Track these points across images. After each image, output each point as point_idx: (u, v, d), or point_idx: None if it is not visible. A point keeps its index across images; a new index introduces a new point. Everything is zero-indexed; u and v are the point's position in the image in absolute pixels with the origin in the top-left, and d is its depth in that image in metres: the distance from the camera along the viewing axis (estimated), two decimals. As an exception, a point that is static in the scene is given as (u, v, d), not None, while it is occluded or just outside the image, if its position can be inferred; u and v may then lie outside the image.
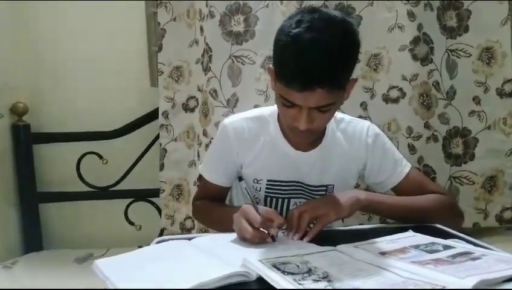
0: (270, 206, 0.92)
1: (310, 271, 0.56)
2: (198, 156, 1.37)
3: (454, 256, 0.61)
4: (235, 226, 0.73)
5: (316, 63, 0.67)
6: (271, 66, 0.78)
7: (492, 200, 1.36)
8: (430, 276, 0.53)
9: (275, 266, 0.57)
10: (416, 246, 0.66)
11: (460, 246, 0.66)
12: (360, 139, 0.90)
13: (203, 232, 1.29)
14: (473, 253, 0.62)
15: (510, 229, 1.38)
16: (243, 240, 0.71)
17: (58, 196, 1.54)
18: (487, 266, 0.57)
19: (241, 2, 1.27)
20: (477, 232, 1.22)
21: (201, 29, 1.34)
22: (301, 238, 0.72)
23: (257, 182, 0.91)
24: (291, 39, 0.69)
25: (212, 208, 0.94)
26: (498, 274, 0.53)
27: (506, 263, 0.57)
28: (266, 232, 0.70)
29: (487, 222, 1.37)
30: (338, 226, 0.91)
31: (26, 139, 1.48)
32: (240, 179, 0.83)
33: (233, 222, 0.74)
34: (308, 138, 0.81)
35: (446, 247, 0.65)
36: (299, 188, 0.90)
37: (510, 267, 0.55)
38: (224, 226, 0.78)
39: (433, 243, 0.67)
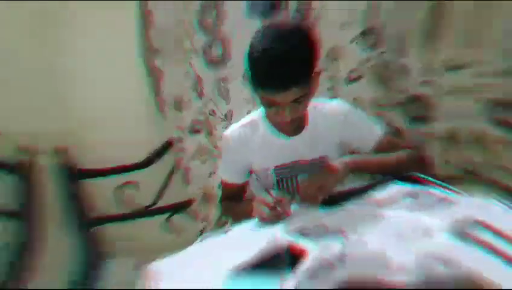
0: (282, 186, 0.97)
1: (326, 230, 0.60)
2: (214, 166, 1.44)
3: (433, 202, 0.64)
4: (255, 211, 0.78)
5: (286, 70, 0.72)
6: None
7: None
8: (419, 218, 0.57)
9: (300, 233, 0.62)
10: (405, 196, 0.68)
11: (438, 192, 0.69)
12: (336, 115, 0.94)
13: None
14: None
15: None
16: (263, 221, 0.75)
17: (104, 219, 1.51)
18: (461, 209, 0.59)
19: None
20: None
21: (190, 64, 1.38)
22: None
23: (266, 171, 0.96)
24: (261, 54, 0.73)
25: (235, 206, 1.00)
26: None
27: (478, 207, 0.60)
28: (280, 211, 0.74)
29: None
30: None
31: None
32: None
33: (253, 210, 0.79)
34: (293, 125, 0.87)
35: (426, 195, 0.67)
36: (300, 166, 0.95)
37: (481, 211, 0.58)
38: (250, 216, 0.81)
39: (417, 193, 0.69)
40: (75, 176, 1.51)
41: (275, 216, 0.74)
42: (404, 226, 0.56)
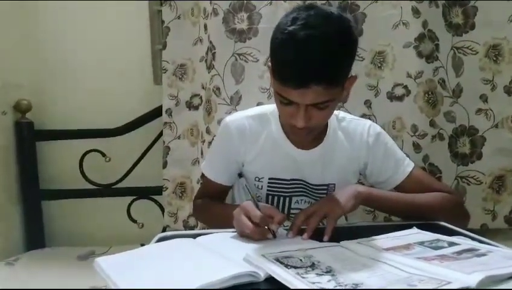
0: (272, 205, 0.92)
1: (313, 265, 0.56)
2: (202, 153, 1.37)
3: (459, 252, 0.60)
4: (235, 222, 0.73)
5: (310, 60, 0.68)
6: (269, 64, 0.78)
7: (500, 201, 1.34)
8: (436, 271, 0.52)
9: (278, 260, 0.57)
10: (421, 243, 0.65)
11: (465, 243, 0.65)
12: (361, 139, 0.90)
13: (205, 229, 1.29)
14: (478, 250, 0.61)
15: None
16: (243, 236, 0.71)
17: (61, 193, 1.54)
18: (493, 262, 0.56)
19: (244, 0, 1.28)
20: (485, 234, 1.20)
21: (205, 27, 1.35)
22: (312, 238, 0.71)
23: (259, 180, 0.91)
24: (286, 36, 0.69)
25: (212, 206, 0.94)
26: (504, 270, 0.52)
27: (512, 259, 0.57)
28: (266, 228, 0.70)
29: (495, 223, 1.35)
30: (341, 223, 0.91)
31: (29, 136, 1.49)
32: (240, 175, 0.83)
33: (233, 218, 0.73)
34: (307, 136, 0.81)
35: (451, 244, 0.65)
36: (301, 186, 0.91)
37: (517, 264, 0.54)
38: (225, 223, 0.77)
39: (438, 240, 0.67)
40: (32, 136, 1.48)
41: (259, 234, 0.69)
42: (410, 278, 0.52)
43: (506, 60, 1.30)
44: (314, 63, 0.67)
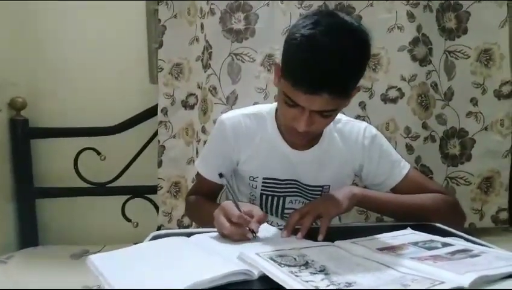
0: (266, 204, 0.91)
1: (306, 264, 0.55)
2: (197, 153, 1.36)
3: (453, 253, 0.60)
4: (215, 223, 0.71)
5: (327, 68, 0.66)
6: (277, 61, 0.76)
7: (488, 201, 1.36)
8: (429, 271, 0.52)
9: (272, 259, 0.56)
10: (415, 243, 0.65)
11: (459, 243, 0.65)
12: (357, 141, 0.89)
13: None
14: (472, 250, 0.61)
15: (506, 230, 1.38)
16: (223, 236, 0.69)
17: (55, 191, 1.51)
18: (486, 262, 0.56)
19: (241, 0, 1.27)
20: (473, 233, 1.21)
21: (202, 26, 1.33)
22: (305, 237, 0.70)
23: (253, 180, 0.90)
24: (305, 39, 0.67)
25: (202, 205, 0.93)
26: (497, 271, 0.52)
27: (505, 260, 0.56)
28: (247, 228, 0.68)
29: (483, 222, 1.36)
30: (335, 223, 0.90)
31: (23, 133, 1.46)
32: (221, 175, 0.81)
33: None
34: (303, 139, 0.81)
35: (445, 244, 0.64)
36: (295, 186, 0.90)
37: (509, 264, 0.54)
38: (211, 224, 0.75)
39: (431, 241, 0.66)
40: (26, 133, 1.46)
41: (238, 234, 0.67)
42: (404, 277, 0.51)
43: (496, 64, 1.31)
44: (330, 72, 0.66)
